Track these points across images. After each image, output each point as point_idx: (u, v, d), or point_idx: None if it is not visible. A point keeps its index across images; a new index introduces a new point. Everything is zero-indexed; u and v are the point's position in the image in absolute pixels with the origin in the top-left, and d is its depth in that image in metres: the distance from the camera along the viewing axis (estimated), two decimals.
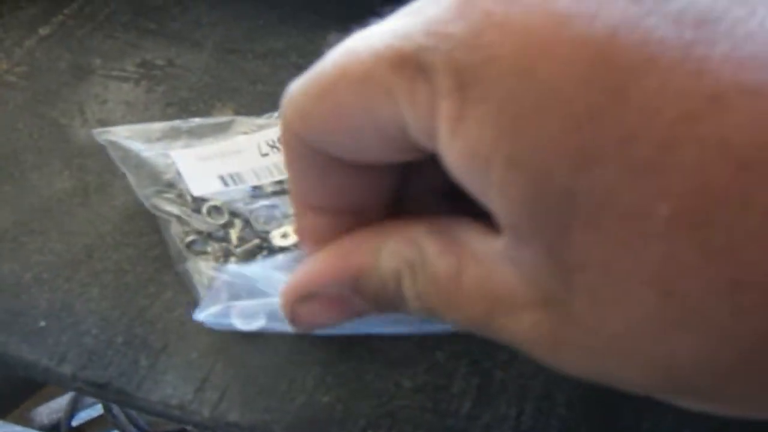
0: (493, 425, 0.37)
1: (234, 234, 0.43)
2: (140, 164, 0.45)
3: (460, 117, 0.22)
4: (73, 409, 1.02)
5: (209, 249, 0.42)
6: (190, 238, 0.42)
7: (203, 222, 0.43)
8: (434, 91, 0.22)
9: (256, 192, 0.44)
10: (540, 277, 0.22)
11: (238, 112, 0.50)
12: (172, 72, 0.53)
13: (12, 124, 0.51)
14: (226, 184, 0.44)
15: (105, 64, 0.54)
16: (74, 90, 0.53)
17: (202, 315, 0.37)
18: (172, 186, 0.44)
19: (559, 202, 0.20)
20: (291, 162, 0.28)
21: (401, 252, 0.26)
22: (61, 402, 1.04)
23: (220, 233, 0.43)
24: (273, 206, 0.43)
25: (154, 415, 0.40)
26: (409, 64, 0.22)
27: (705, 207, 0.19)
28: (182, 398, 0.39)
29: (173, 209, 0.43)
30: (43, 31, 0.56)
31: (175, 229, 0.43)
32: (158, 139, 0.47)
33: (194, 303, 0.41)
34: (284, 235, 0.42)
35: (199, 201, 0.44)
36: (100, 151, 0.48)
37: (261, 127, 0.48)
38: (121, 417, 1.00)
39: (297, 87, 0.26)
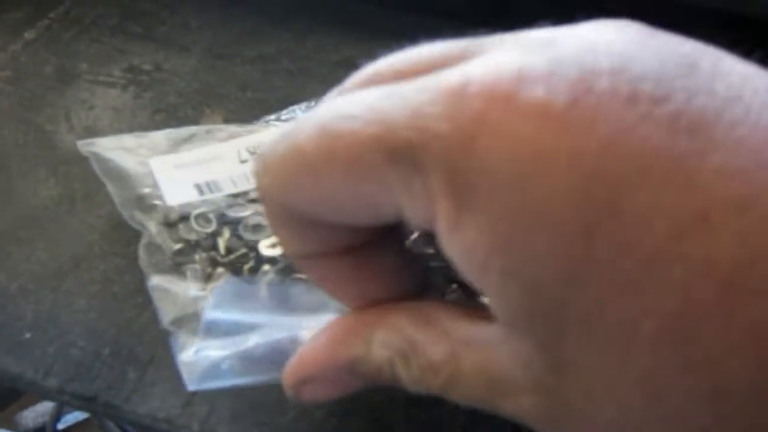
0: None
1: (222, 243, 0.42)
2: (120, 175, 0.45)
3: (457, 220, 0.22)
4: (59, 412, 1.01)
5: (196, 258, 0.41)
6: (177, 246, 0.41)
7: (190, 230, 0.42)
8: (430, 189, 0.22)
9: (238, 199, 0.43)
10: (534, 367, 0.23)
11: (227, 119, 0.49)
12: (159, 77, 0.53)
13: None
14: (201, 192, 0.43)
15: (91, 69, 0.53)
16: (60, 95, 0.52)
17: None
18: (151, 196, 0.44)
19: (551, 310, 0.21)
20: (274, 224, 0.28)
21: (391, 342, 0.27)
22: (47, 405, 1.03)
23: (209, 242, 0.42)
24: (262, 215, 0.43)
25: (142, 428, 0.39)
26: (402, 158, 0.22)
27: (689, 325, 0.19)
28: (170, 412, 0.38)
29: (151, 222, 0.43)
30: (29, 35, 0.55)
31: (147, 243, 0.42)
32: (140, 147, 0.46)
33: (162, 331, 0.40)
34: (273, 245, 0.41)
35: (186, 209, 0.43)
36: (86, 158, 0.47)
37: (241, 134, 0.47)
38: (108, 421, 0.99)
39: (273, 157, 0.26)
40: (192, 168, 0.44)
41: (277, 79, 0.52)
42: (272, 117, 0.48)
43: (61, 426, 1.04)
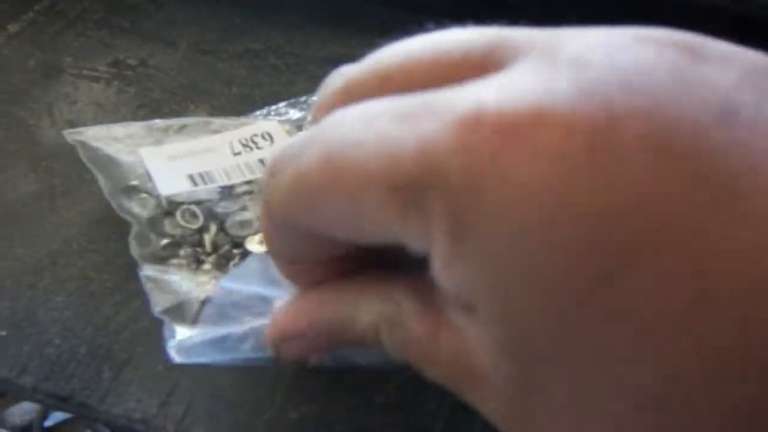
0: None
1: (208, 239, 0.42)
2: (109, 164, 0.44)
3: (451, 260, 0.21)
4: (47, 409, 1.00)
5: (182, 253, 0.40)
6: (164, 241, 0.41)
7: (176, 226, 0.41)
8: (430, 227, 0.21)
9: (225, 192, 0.42)
10: (505, 377, 0.22)
11: (212, 115, 0.49)
12: (144, 72, 0.52)
13: None
14: (195, 183, 0.43)
15: (76, 63, 0.52)
16: (44, 90, 0.51)
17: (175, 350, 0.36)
18: (140, 187, 0.43)
19: (532, 357, 0.21)
20: (271, 233, 0.28)
21: (379, 307, 0.27)
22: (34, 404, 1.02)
23: (195, 237, 0.41)
24: (248, 210, 0.42)
25: (117, 429, 0.38)
26: (406, 196, 0.21)
27: (671, 402, 0.19)
28: (146, 412, 0.38)
29: (141, 212, 0.42)
30: (12, 28, 0.55)
31: (137, 233, 0.42)
32: (128, 138, 0.45)
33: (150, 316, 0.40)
34: (261, 242, 0.41)
35: (173, 203, 0.42)
36: (68, 153, 0.46)
37: (235, 127, 0.46)
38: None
39: (281, 178, 0.25)
40: (185, 159, 0.44)
41: (263, 75, 0.52)
42: (263, 111, 0.47)
43: (49, 423, 1.03)
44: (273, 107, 0.48)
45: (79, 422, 0.99)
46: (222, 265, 0.40)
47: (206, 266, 0.40)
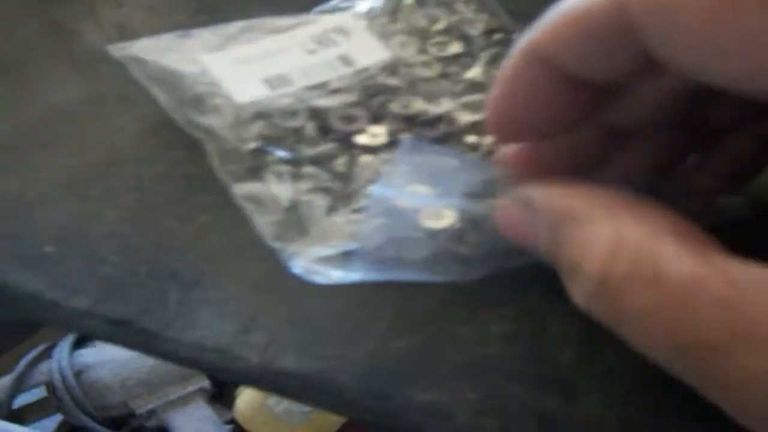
0: (602, 374, 0.30)
1: (308, 137, 0.36)
2: (168, 77, 0.38)
3: None
4: (15, 391, 0.95)
5: (274, 158, 0.35)
6: (251, 146, 0.35)
7: (270, 126, 0.36)
8: None
9: (316, 92, 0.37)
10: None
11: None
12: None
13: (11, 29, 0.44)
14: (272, 87, 0.37)
15: None
16: None
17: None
18: (210, 97, 0.37)
19: None
20: (514, 77, 0.28)
21: (627, 227, 0.24)
22: (2, 383, 0.97)
23: (290, 138, 0.35)
24: (355, 103, 0.36)
25: (184, 362, 0.32)
26: None
27: None
28: (221, 340, 0.32)
29: (217, 122, 0.36)
30: None
31: (218, 148, 0.36)
32: (185, 47, 0.39)
33: (244, 231, 0.34)
34: (374, 135, 0.35)
35: (257, 106, 0.36)
36: (118, 60, 0.40)
37: (301, 24, 0.41)
38: (67, 399, 0.94)
39: (547, 17, 0.27)
40: (253, 63, 0.38)
41: None
42: (327, 6, 0.42)
43: (15, 406, 0.98)
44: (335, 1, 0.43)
45: (47, 403, 0.96)
46: (325, 165, 0.35)
47: (307, 168, 0.34)
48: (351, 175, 0.35)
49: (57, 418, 0.99)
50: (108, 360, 1.02)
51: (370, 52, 0.39)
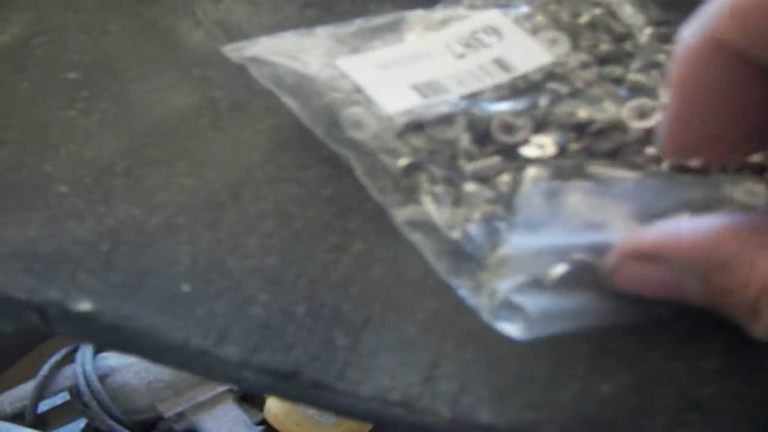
0: None
1: (466, 150, 0.32)
2: (300, 82, 0.34)
3: None
4: (39, 396, 0.93)
5: (436, 174, 0.30)
6: (404, 162, 0.31)
7: (426, 138, 0.31)
8: None
9: (475, 100, 0.33)
10: None
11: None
12: None
13: (100, 26, 0.39)
14: (424, 95, 0.33)
15: None
16: None
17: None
18: (352, 106, 0.33)
19: None
20: (694, 81, 0.26)
21: None
22: (26, 389, 0.95)
23: (446, 152, 0.31)
24: (516, 111, 0.32)
25: (363, 417, 0.28)
26: None
27: None
28: (407, 392, 0.27)
29: (362, 135, 0.32)
30: None
31: (366, 164, 0.32)
32: (315, 48, 0.35)
33: (410, 260, 0.29)
34: (540, 146, 0.31)
35: (395, 118, 0.32)
36: (226, 61, 0.35)
37: (442, 24, 0.36)
38: (93, 404, 0.91)
39: (720, 2, 0.24)
40: (398, 67, 0.34)
41: None
42: (449, 3, 0.38)
43: (39, 410, 0.95)
44: None
45: (71, 406, 0.92)
46: (487, 181, 0.30)
47: (469, 187, 0.30)
48: (517, 193, 0.31)
49: (81, 422, 0.97)
50: (133, 363, 1.00)
51: (527, 55, 0.34)
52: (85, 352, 0.98)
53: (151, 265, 0.30)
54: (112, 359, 0.98)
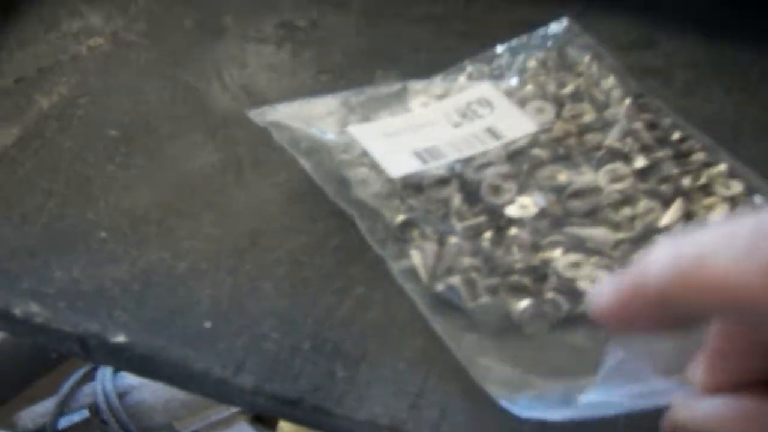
0: None
1: (456, 208, 0.37)
2: (315, 146, 0.38)
3: None
4: (59, 413, 0.95)
5: (427, 231, 0.35)
6: (401, 217, 0.35)
7: (423, 198, 0.36)
8: None
9: (468, 165, 0.37)
10: None
11: (403, 81, 0.43)
12: (317, 35, 0.46)
13: (138, 88, 0.44)
14: (424, 161, 0.37)
15: (238, 23, 0.47)
16: (206, 51, 0.45)
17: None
18: (358, 168, 0.38)
19: None
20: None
21: None
22: (46, 405, 0.97)
23: (440, 210, 0.36)
24: (503, 175, 0.37)
25: None
26: None
27: None
28: (395, 417, 0.32)
29: (366, 195, 0.36)
30: None
31: (363, 218, 0.36)
32: (329, 115, 0.40)
33: (401, 303, 0.34)
34: (523, 206, 0.36)
35: (402, 181, 0.37)
36: (249, 122, 0.40)
37: (441, 96, 0.41)
38: (112, 422, 0.93)
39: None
40: (402, 135, 0.38)
41: (449, 40, 0.46)
42: (453, 71, 0.42)
43: (60, 427, 0.98)
44: (462, 64, 0.43)
45: (90, 424, 0.94)
46: (474, 236, 0.35)
47: (455, 242, 0.35)
48: (500, 250, 0.35)
49: None
50: (151, 381, 1.02)
51: (515, 124, 0.39)
52: (106, 371, 1.02)
53: (179, 304, 0.35)
54: (131, 377, 1.01)
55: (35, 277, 0.36)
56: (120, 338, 0.34)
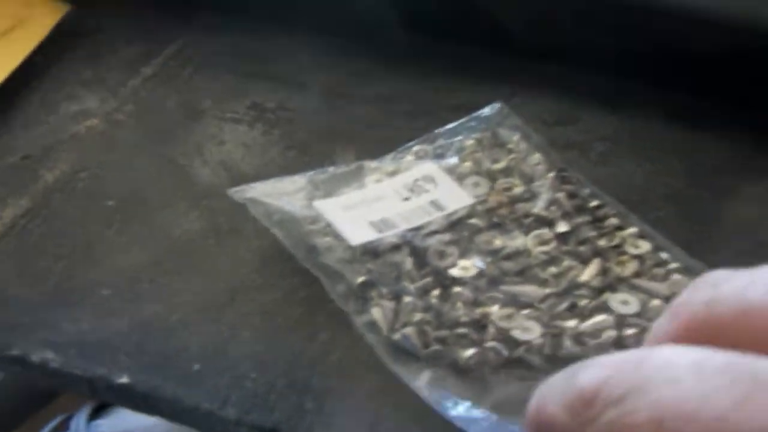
0: None
1: (407, 272, 0.43)
2: (285, 218, 0.45)
3: None
4: None
5: (384, 291, 0.42)
6: (361, 279, 0.42)
7: (379, 262, 0.43)
8: None
9: (416, 233, 0.44)
10: None
11: (358, 156, 0.50)
12: (285, 115, 0.53)
13: (128, 163, 0.51)
14: (379, 230, 0.45)
15: (216, 105, 0.54)
16: (189, 130, 0.52)
17: None
18: (323, 237, 0.45)
19: None
20: None
21: None
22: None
23: (393, 274, 0.43)
24: (447, 242, 0.44)
25: None
26: None
27: None
28: None
29: (331, 260, 0.43)
30: (146, 70, 0.56)
31: (328, 279, 0.43)
32: (297, 191, 0.47)
33: (360, 346, 0.41)
34: (464, 268, 0.43)
35: (361, 248, 0.44)
36: (227, 194, 0.47)
37: (392, 173, 0.48)
38: None
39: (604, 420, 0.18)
40: (359, 208, 0.45)
41: (399, 119, 0.53)
42: (401, 150, 0.49)
43: None
44: (409, 145, 0.50)
45: None
46: (424, 298, 0.42)
47: (408, 300, 0.42)
48: (446, 305, 0.42)
49: None
50: (126, 430, 1.06)
51: (455, 197, 0.46)
52: (80, 420, 1.06)
53: (172, 350, 0.42)
54: (106, 426, 1.06)
55: (48, 329, 0.42)
56: (123, 379, 0.41)
